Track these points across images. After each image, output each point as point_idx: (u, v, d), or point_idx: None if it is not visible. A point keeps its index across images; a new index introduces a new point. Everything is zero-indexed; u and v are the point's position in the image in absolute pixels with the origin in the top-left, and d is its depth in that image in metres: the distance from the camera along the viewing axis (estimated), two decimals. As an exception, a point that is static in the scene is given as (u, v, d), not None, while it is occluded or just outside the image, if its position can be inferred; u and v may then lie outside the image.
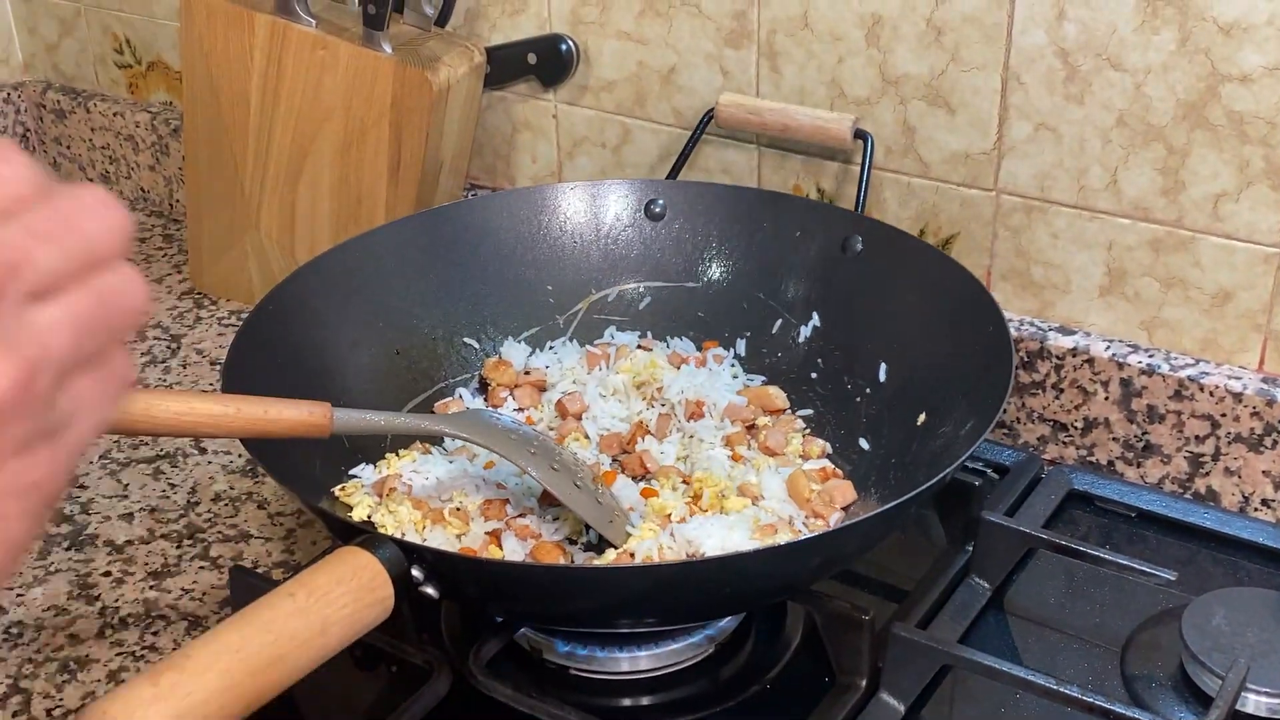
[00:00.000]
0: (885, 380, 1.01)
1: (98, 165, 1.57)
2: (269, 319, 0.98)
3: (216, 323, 1.31)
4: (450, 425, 0.91)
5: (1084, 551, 0.91)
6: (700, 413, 1.02)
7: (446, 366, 1.08)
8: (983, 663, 0.83)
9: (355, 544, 0.76)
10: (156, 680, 0.66)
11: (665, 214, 1.09)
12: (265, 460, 0.85)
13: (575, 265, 1.02)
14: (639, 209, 1.11)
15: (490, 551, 0.90)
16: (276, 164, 1.24)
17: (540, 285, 1.10)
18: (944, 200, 1.09)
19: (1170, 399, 1.01)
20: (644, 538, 0.89)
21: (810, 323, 1.06)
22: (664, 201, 1.10)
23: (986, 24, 1.01)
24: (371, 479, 0.97)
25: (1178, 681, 0.86)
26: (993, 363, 0.91)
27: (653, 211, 1.10)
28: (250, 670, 0.68)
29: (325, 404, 0.83)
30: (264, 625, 0.70)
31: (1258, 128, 0.95)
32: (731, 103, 1.11)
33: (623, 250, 1.10)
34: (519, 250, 1.09)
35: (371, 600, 0.74)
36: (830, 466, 0.99)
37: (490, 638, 0.85)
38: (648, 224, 1.10)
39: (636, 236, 1.11)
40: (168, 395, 0.79)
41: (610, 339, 1.10)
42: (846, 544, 0.85)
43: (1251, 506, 1.01)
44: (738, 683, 0.89)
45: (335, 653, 0.73)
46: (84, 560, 1.01)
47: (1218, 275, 1.00)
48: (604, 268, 1.10)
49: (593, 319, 1.10)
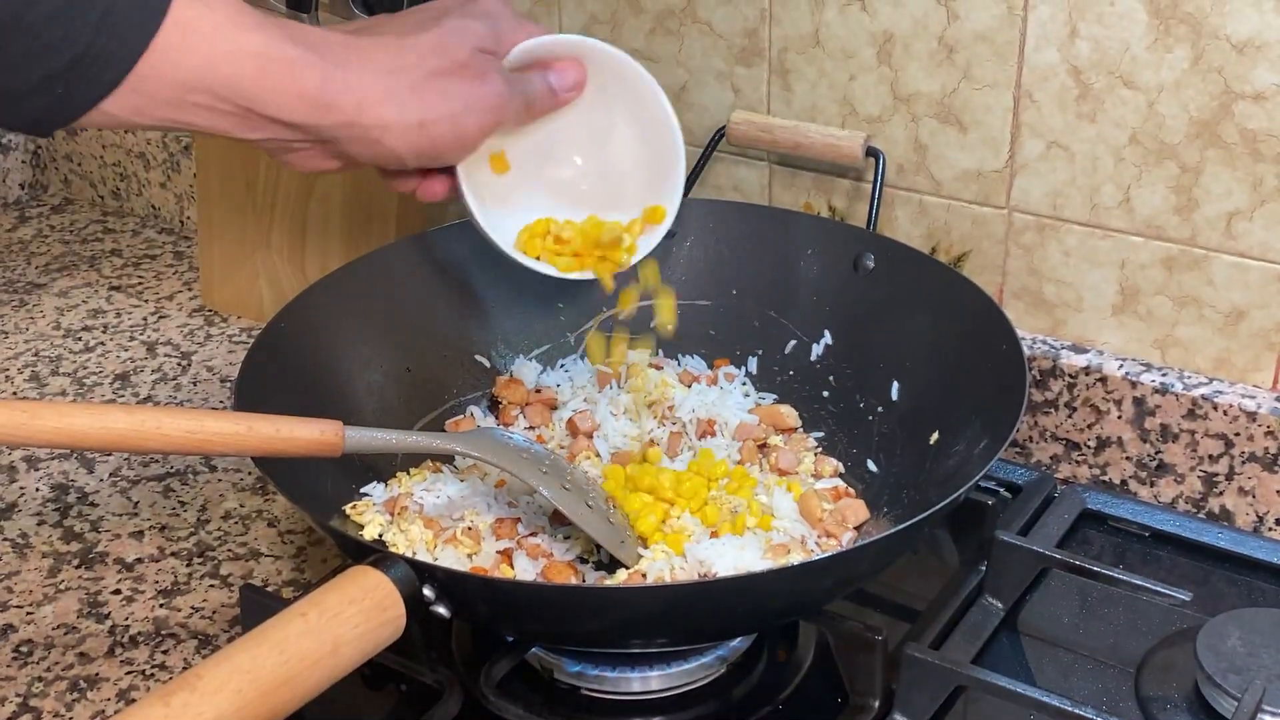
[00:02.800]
0: (898, 399, 1.01)
1: (109, 182, 1.58)
2: (281, 337, 0.98)
3: (227, 340, 1.31)
4: (462, 444, 0.91)
5: (1098, 571, 0.90)
6: (712, 431, 1.01)
7: (458, 384, 1.07)
8: (996, 684, 0.82)
9: (367, 563, 0.75)
10: (168, 701, 0.65)
11: (676, 232, 1.09)
12: (276, 478, 0.85)
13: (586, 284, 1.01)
14: None
15: (502, 571, 0.90)
16: (287, 181, 1.24)
17: (551, 303, 1.10)
18: (956, 218, 1.08)
19: (1184, 418, 1.01)
20: (655, 559, 0.89)
21: (822, 341, 1.06)
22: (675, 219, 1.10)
23: (999, 42, 1.01)
24: (382, 497, 0.97)
25: (1193, 703, 0.86)
26: (1006, 381, 0.91)
27: None
28: (262, 691, 0.68)
29: (337, 423, 0.83)
30: (275, 645, 0.69)
31: (1271, 146, 0.94)
32: (743, 120, 1.11)
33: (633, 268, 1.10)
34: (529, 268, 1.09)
35: (383, 620, 0.74)
36: (842, 485, 0.98)
37: (501, 657, 0.85)
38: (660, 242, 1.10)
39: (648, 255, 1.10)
40: (179, 413, 0.79)
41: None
42: (859, 564, 0.84)
43: (1266, 526, 1.01)
44: (750, 703, 0.88)
45: (347, 673, 0.73)
46: (94, 578, 1.01)
47: (1231, 294, 0.99)
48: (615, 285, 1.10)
49: None
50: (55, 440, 0.77)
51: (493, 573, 0.90)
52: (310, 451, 0.82)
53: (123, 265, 1.46)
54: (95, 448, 0.80)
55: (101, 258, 1.48)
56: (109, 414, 0.77)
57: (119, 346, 1.31)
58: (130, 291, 1.41)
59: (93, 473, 1.12)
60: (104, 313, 1.37)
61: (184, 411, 0.80)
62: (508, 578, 0.89)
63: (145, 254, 1.49)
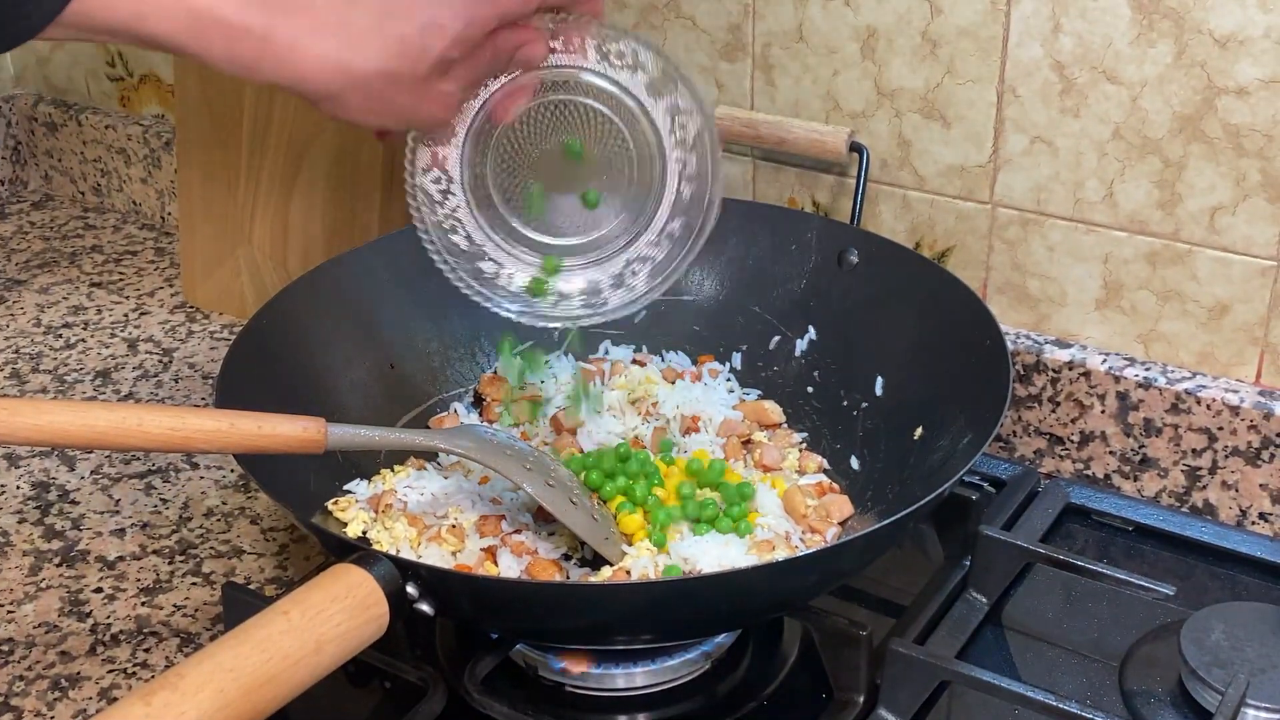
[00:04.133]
0: (882, 394, 1.01)
1: (89, 178, 1.57)
2: (263, 333, 0.97)
3: (209, 337, 1.30)
4: (445, 440, 0.91)
5: (1081, 566, 0.90)
6: (696, 427, 1.01)
7: (441, 381, 1.07)
8: (981, 678, 0.82)
9: (350, 561, 0.75)
10: (149, 699, 0.65)
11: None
12: (258, 475, 0.85)
13: None
14: None
15: (486, 568, 0.90)
16: (269, 177, 1.23)
17: None
18: (939, 213, 1.08)
19: (1167, 412, 1.01)
20: (640, 555, 0.89)
21: (806, 336, 1.06)
22: None
23: (982, 37, 1.01)
24: (366, 494, 0.96)
25: (1177, 697, 0.86)
26: (990, 376, 0.91)
27: None
28: (244, 689, 0.67)
29: (320, 420, 0.83)
30: (258, 644, 0.69)
31: (1254, 140, 0.94)
32: (726, 115, 1.11)
33: None
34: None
35: (367, 618, 0.73)
36: (827, 481, 0.98)
37: (485, 655, 0.85)
38: None
39: None
40: (161, 410, 0.79)
41: (605, 353, 1.09)
42: (844, 560, 0.84)
43: (1249, 520, 1.01)
44: (734, 700, 0.88)
45: (330, 670, 0.72)
46: (75, 576, 1.00)
47: (1214, 288, 1.00)
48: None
49: (588, 333, 1.09)
50: (35, 438, 0.76)
51: (476, 570, 0.89)
52: (293, 448, 0.82)
53: (104, 262, 1.46)
54: (76, 445, 0.79)
55: (82, 254, 1.48)
56: (90, 411, 0.77)
57: (100, 343, 1.30)
58: (111, 288, 1.40)
59: (74, 470, 1.11)
60: (85, 309, 1.36)
61: (165, 409, 0.79)
62: (491, 575, 0.88)
63: (126, 250, 1.48)
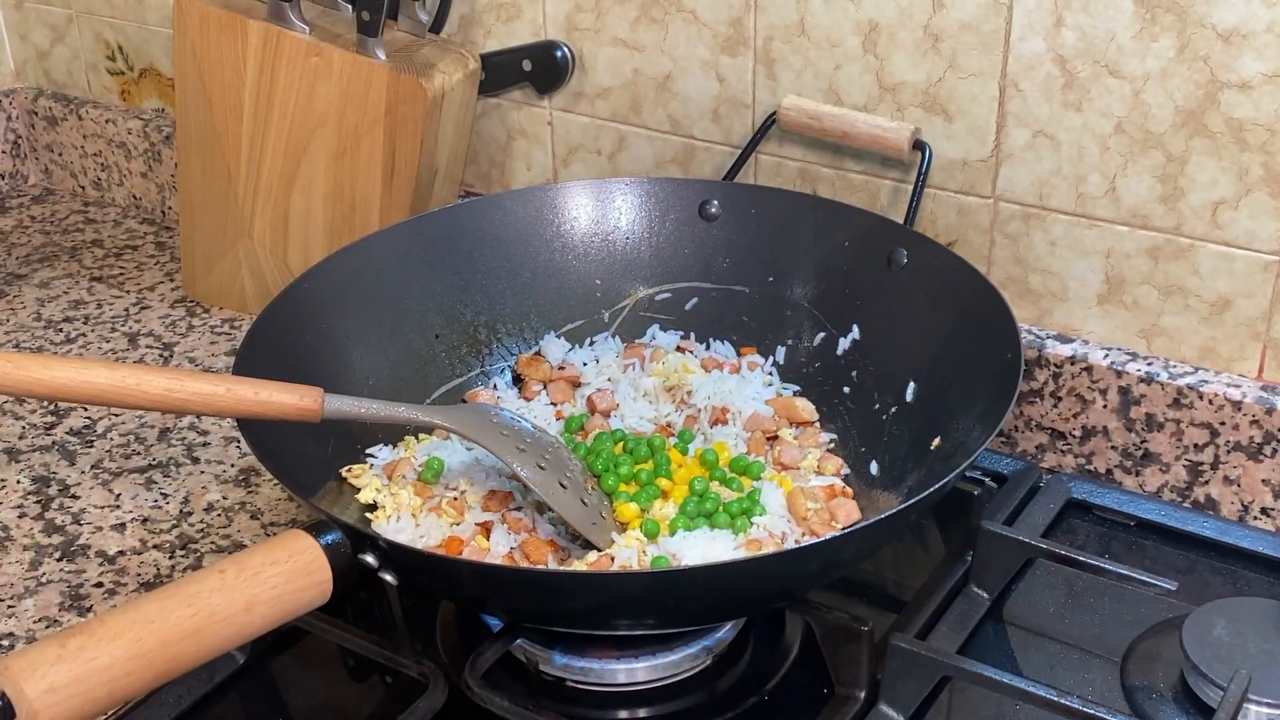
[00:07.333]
0: (912, 400, 0.98)
1: (89, 172, 1.57)
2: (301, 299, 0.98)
3: (209, 331, 1.30)
4: (441, 417, 0.91)
5: (1083, 561, 0.90)
6: (724, 419, 1.01)
7: (485, 356, 1.08)
8: (982, 674, 0.82)
9: (300, 527, 0.76)
10: (64, 643, 0.67)
11: (719, 216, 1.08)
12: (251, 436, 0.85)
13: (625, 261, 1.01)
14: (694, 209, 1.09)
15: (477, 542, 0.90)
16: (270, 171, 1.23)
17: (589, 279, 1.09)
18: (941, 208, 1.08)
19: (1169, 407, 1.01)
20: (628, 545, 0.89)
21: (850, 335, 1.04)
22: (719, 203, 1.09)
23: (984, 31, 1.01)
24: (386, 459, 0.97)
25: (1179, 693, 0.86)
26: (1000, 380, 0.88)
27: (707, 212, 1.09)
28: (162, 641, 0.69)
29: (317, 389, 0.83)
30: (185, 599, 0.70)
31: (1257, 135, 0.94)
32: (794, 106, 1.09)
33: (673, 249, 1.09)
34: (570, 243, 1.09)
35: (306, 584, 0.74)
36: (839, 485, 0.97)
37: (486, 649, 0.85)
38: (701, 225, 1.09)
39: (689, 236, 1.09)
40: (160, 372, 0.81)
41: (651, 339, 1.09)
42: (844, 551, 0.84)
43: (1251, 515, 1.01)
44: (736, 694, 0.88)
45: (263, 632, 0.73)
46: (75, 571, 1.00)
47: (1216, 283, 0.99)
48: (654, 266, 1.08)
49: (638, 316, 1.09)
50: (37, 390, 0.79)
51: (469, 544, 0.90)
52: (289, 416, 0.83)
53: (104, 256, 1.46)
54: (76, 399, 0.82)
55: (83, 248, 1.47)
56: (91, 368, 0.80)
57: (100, 338, 1.30)
58: (112, 282, 1.40)
59: (74, 465, 1.11)
60: (85, 304, 1.36)
61: (165, 370, 0.81)
62: (439, 554, 0.89)
63: (127, 245, 1.48)
